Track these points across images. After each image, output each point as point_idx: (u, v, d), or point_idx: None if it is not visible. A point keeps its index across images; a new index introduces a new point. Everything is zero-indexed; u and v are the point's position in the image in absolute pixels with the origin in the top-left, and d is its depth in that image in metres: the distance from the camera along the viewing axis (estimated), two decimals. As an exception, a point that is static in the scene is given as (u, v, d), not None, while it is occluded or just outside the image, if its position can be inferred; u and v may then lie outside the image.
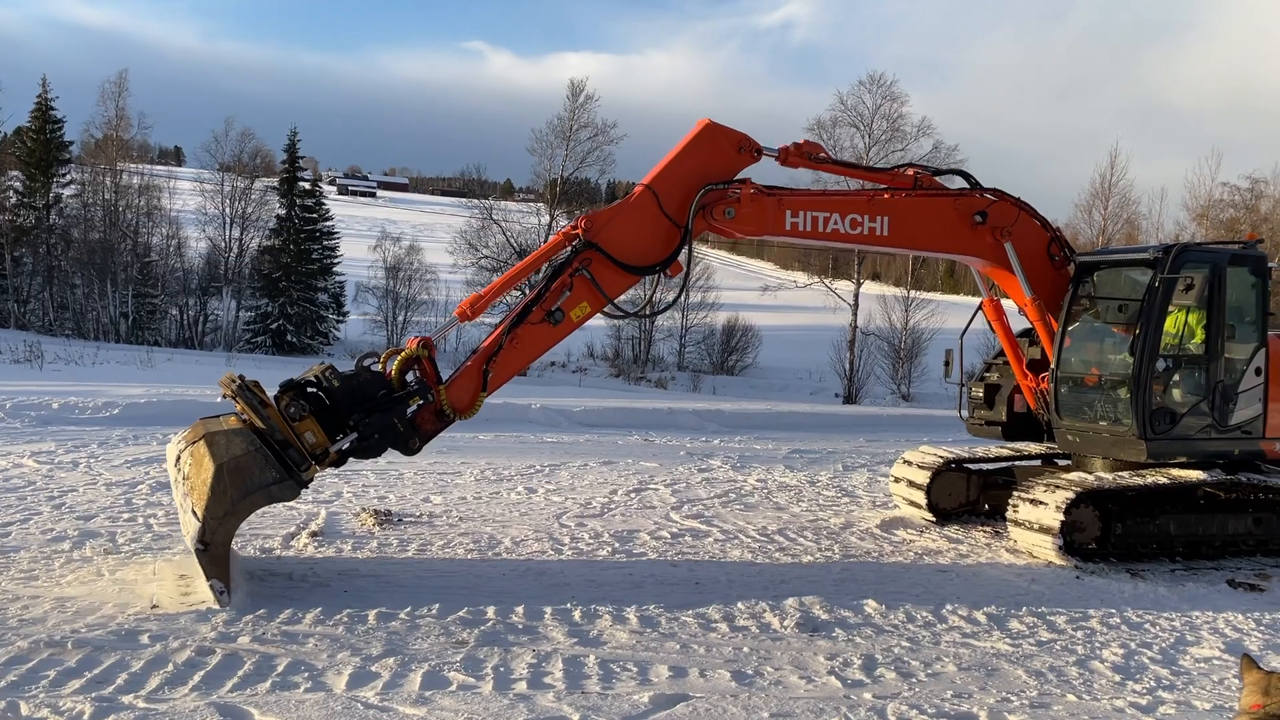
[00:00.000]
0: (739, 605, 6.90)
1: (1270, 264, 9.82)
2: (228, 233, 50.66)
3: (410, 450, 7.26)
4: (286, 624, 6.03)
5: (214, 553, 6.33)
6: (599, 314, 8.26)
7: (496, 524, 9.28)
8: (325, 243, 52.40)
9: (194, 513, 6.35)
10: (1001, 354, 10.74)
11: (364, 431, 7.01)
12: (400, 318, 54.37)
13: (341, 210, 73.60)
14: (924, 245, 9.69)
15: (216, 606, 6.23)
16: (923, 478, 10.37)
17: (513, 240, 47.97)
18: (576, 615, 6.49)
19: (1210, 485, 9.04)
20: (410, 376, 7.34)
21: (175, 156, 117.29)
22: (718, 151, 8.45)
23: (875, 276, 69.41)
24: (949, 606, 7.15)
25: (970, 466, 10.71)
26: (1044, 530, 8.57)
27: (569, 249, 7.95)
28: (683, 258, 8.34)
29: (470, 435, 15.93)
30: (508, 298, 14.71)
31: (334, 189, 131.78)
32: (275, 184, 52.20)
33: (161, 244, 48.96)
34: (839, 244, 9.33)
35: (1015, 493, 9.09)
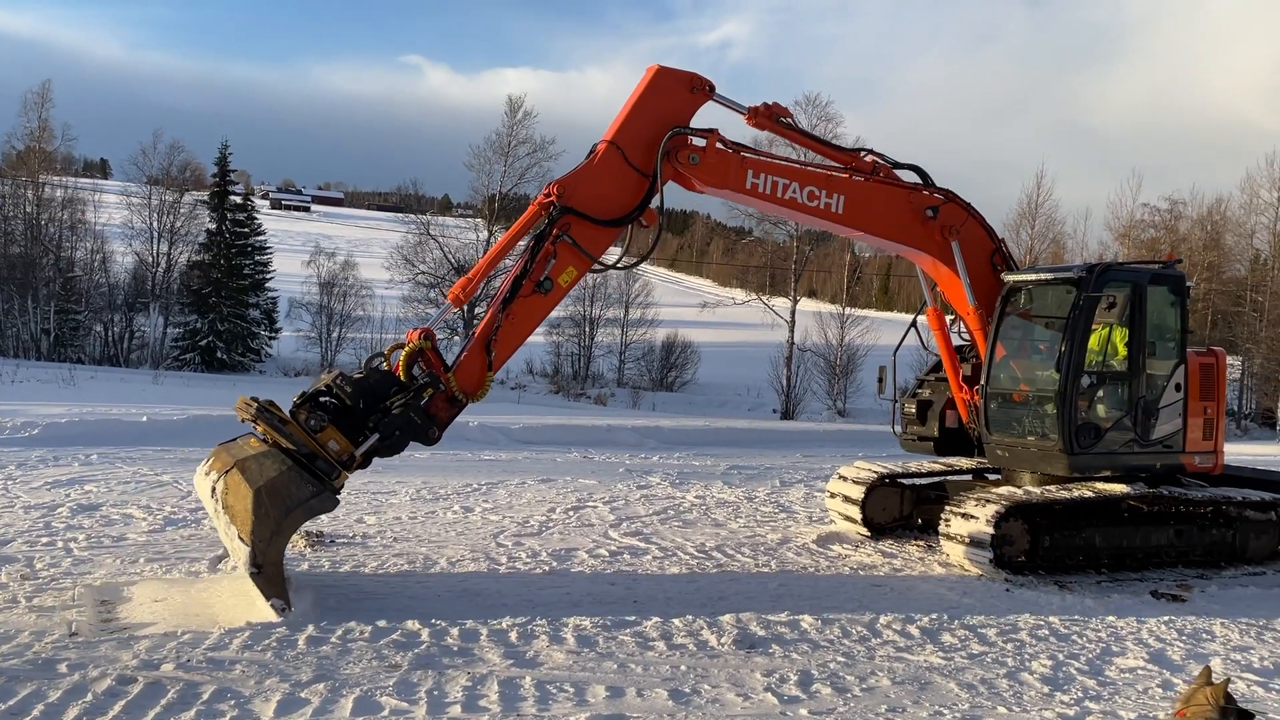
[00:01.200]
0: (676, 623, 6.89)
1: (1189, 284, 10.17)
2: (155, 247, 49.44)
3: (430, 440, 7.46)
4: (212, 649, 5.86)
5: (268, 573, 6.51)
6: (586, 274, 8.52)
7: (432, 544, 9.15)
8: (257, 258, 51.39)
9: (240, 539, 6.47)
10: (934, 370, 10.95)
11: (385, 430, 7.20)
12: (335, 334, 53.53)
13: (274, 224, 72.31)
14: (875, 230, 9.80)
15: (277, 619, 6.33)
16: (857, 493, 10.49)
17: (450, 256, 47.60)
18: (513, 636, 6.42)
19: (1134, 499, 9.29)
20: (416, 370, 7.49)
21: (101, 169, 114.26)
22: (672, 94, 8.60)
23: (811, 293, 70.36)
24: (883, 620, 7.22)
25: (904, 481, 10.88)
26: (975, 544, 8.72)
27: (545, 218, 8.07)
28: (655, 205, 8.49)
29: (406, 454, 15.68)
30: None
31: (267, 203, 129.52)
32: (205, 198, 51.11)
33: (86, 258, 47.60)
34: (794, 214, 9.51)
35: (947, 507, 9.25)
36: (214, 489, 6.87)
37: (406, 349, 7.50)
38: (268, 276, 51.43)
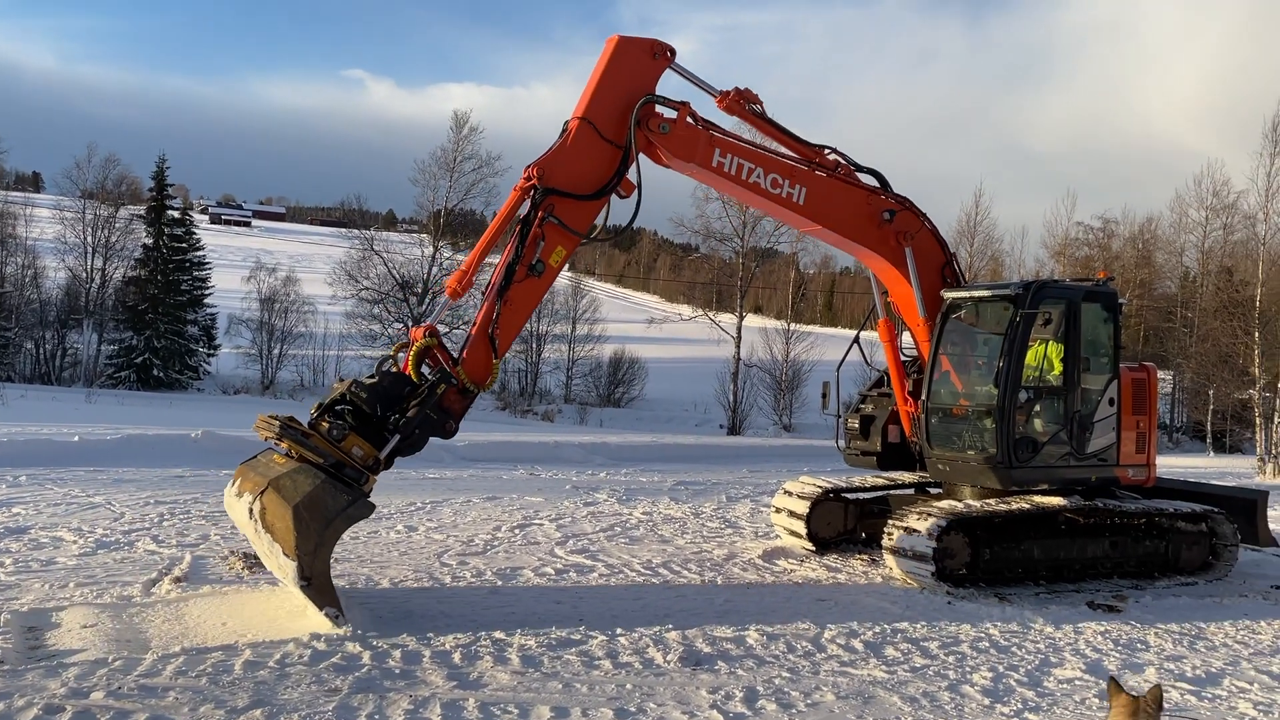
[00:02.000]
0: (622, 641, 6.86)
1: (1121, 301, 10.45)
2: (89, 262, 48.31)
3: (448, 433, 7.66)
4: (145, 676, 5.69)
5: (318, 584, 6.70)
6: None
7: (374, 565, 9.00)
8: (196, 273, 50.44)
9: (285, 555, 6.63)
10: (876, 385, 11.10)
11: (405, 431, 7.34)
12: (276, 351, 52.66)
13: (214, 240, 71.11)
14: (833, 226, 9.92)
15: (337, 630, 6.54)
16: (802, 508, 10.57)
17: (395, 271, 47.15)
18: (456, 657, 6.33)
19: (1070, 511, 9.47)
20: (425, 367, 7.67)
21: (33, 183, 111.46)
22: (634, 63, 8.73)
23: (757, 310, 70.90)
24: (828, 635, 7.27)
25: (848, 496, 10.98)
26: (917, 557, 8.83)
27: (528, 202, 8.17)
28: (632, 175, 8.63)
29: (348, 472, 15.50)
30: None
31: (206, 218, 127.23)
32: (142, 212, 50.07)
33: (16, 274, 46.31)
34: (756, 199, 9.63)
35: (890, 521, 9.35)
36: (252, 511, 6.93)
37: (414, 348, 7.64)
38: (206, 292, 50.50)
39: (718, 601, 8.18)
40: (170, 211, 50.85)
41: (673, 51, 8.94)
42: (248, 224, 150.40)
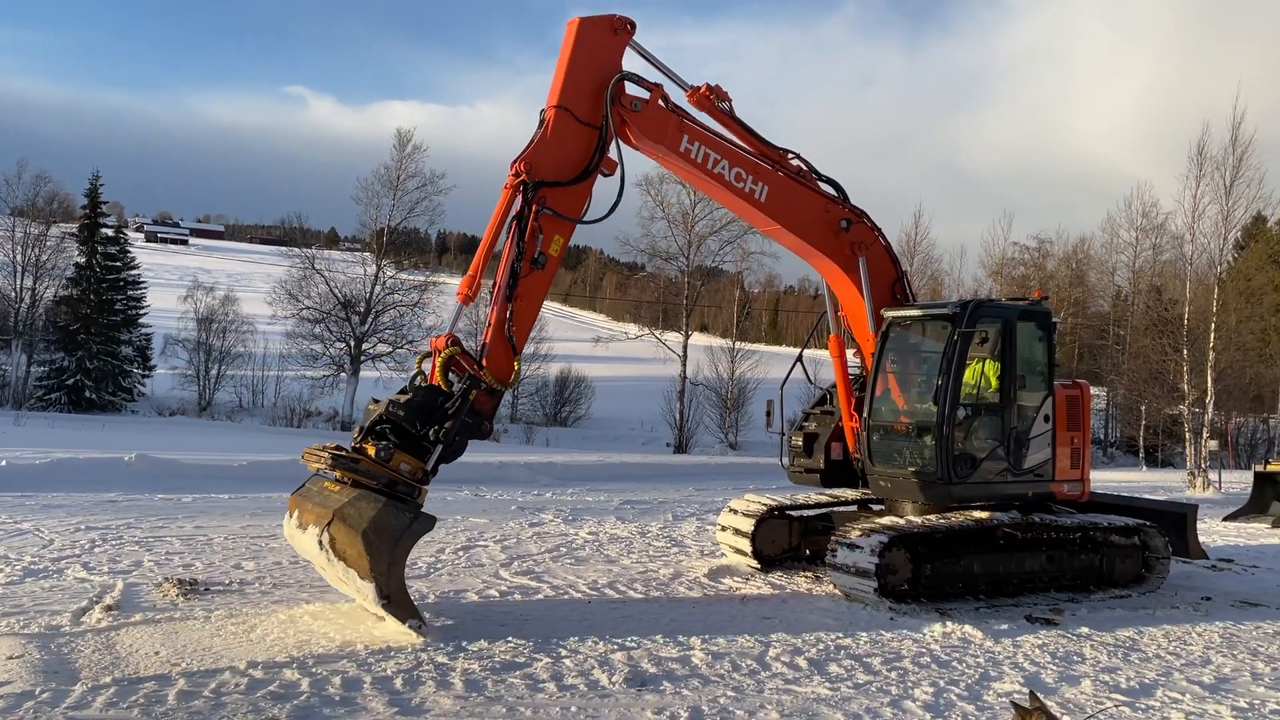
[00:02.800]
0: (567, 663, 6.81)
1: (1056, 319, 10.70)
2: (19, 282, 46.95)
3: (484, 434, 8.07)
4: (74, 708, 5.51)
5: (397, 599, 7.10)
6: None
7: (314, 589, 8.84)
8: (130, 292, 49.34)
9: (361, 579, 7.00)
10: (819, 403, 11.21)
11: (447, 440, 7.62)
12: (213, 371, 51.63)
13: (150, 258, 69.69)
14: (792, 227, 10.08)
15: (419, 639, 7.04)
16: (747, 525, 10.61)
17: (337, 290, 46.54)
18: (398, 683, 6.23)
19: (1009, 526, 9.64)
20: (451, 374, 7.87)
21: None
22: (597, 41, 8.87)
23: (703, 328, 71.30)
24: (772, 653, 7.30)
25: (792, 513, 11.05)
26: (860, 573, 8.91)
27: (519, 199, 8.31)
28: (613, 153, 8.78)
29: (286, 497, 15.24)
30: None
31: (141, 236, 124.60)
32: (74, 230, 48.86)
33: (-59, 293, 44.82)
34: (718, 189, 9.80)
35: (833, 538, 9.43)
36: (321, 542, 7.18)
37: (440, 358, 7.86)
38: (141, 312, 49.41)
39: (663, 621, 8.16)
40: (104, 229, 49.72)
41: (633, 25, 9.10)
42: (185, 242, 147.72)
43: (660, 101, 9.14)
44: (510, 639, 7.37)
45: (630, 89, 8.98)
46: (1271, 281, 50.29)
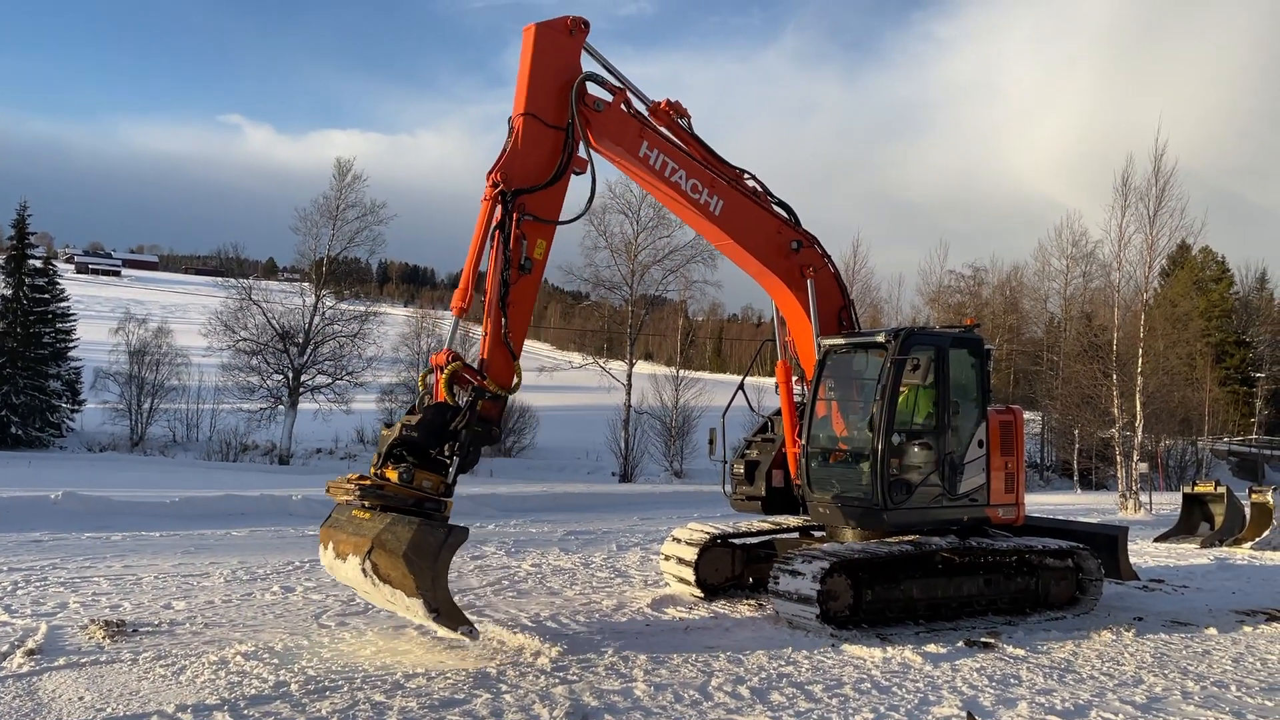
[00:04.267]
0: (507, 698, 6.72)
1: (990, 346, 10.93)
2: (-59, 314, 45.34)
3: (494, 439, 8.39)
4: (-11, 761, 5.29)
5: (445, 610, 7.43)
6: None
7: (247, 628, 8.62)
8: (59, 325, 47.92)
9: (409, 596, 7.35)
10: (761, 431, 11.29)
11: (462, 453, 7.94)
12: (146, 405, 50.36)
13: (80, 290, 68.01)
14: (744, 243, 10.28)
15: (470, 642, 7.65)
16: (691, 554, 10.61)
17: (275, 321, 45.78)
18: (333, 723, 6.09)
19: (946, 550, 9.77)
20: (455, 388, 8.14)
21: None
22: (555, 44, 9.05)
23: (648, 356, 71.47)
24: (714, 683, 7.28)
25: (735, 542, 11.07)
26: (802, 600, 8.95)
27: (499, 209, 8.49)
28: (582, 151, 8.98)
29: (223, 532, 14.89)
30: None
31: (72, 267, 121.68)
32: (0, 261, 47.48)
33: None
34: (674, 198, 9.92)
35: (775, 565, 9.46)
36: (365, 570, 7.51)
37: (444, 374, 8.09)
38: (70, 345, 48.01)
39: (606, 654, 8.10)
40: (32, 261, 48.33)
41: (586, 24, 9.27)
42: (117, 273, 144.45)
43: (622, 105, 9.36)
44: (449, 675, 7.25)
45: (593, 89, 9.19)
46: (1196, 308, 52.08)
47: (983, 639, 9.06)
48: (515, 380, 8.54)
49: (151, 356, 52.65)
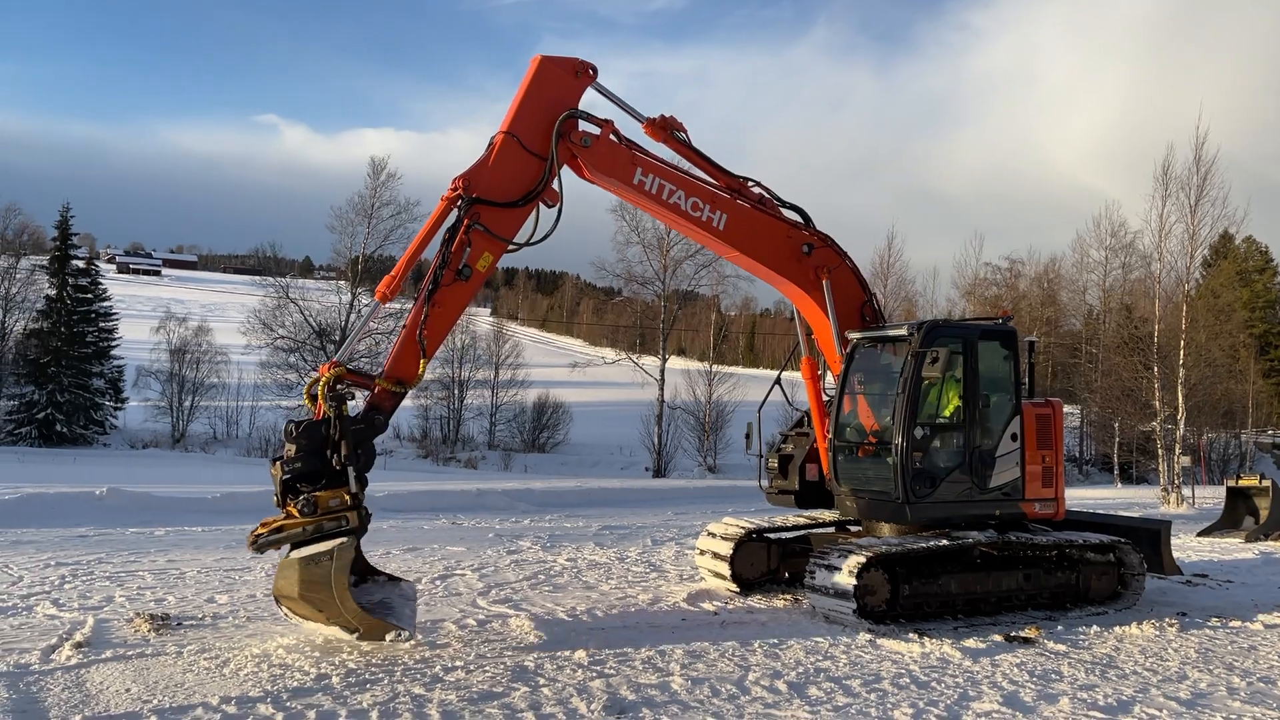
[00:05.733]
0: (545, 691, 6.76)
1: (1031, 338, 10.80)
2: (-12, 315, 46.35)
3: (380, 428, 8.17)
4: (41, 751, 5.41)
5: (365, 627, 7.56)
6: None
7: (288, 623, 8.71)
8: (102, 324, 48.85)
9: (330, 625, 7.63)
10: (797, 425, 11.25)
11: (350, 461, 7.71)
12: (187, 403, 51.13)
13: (122, 290, 69.15)
14: (752, 254, 10.19)
15: (407, 634, 7.75)
16: (726, 549, 10.60)
17: (311, 319, 46.29)
18: (374, 716, 6.16)
19: (985, 545, 9.68)
20: (335, 389, 7.96)
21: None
22: (558, 81, 9.09)
23: (680, 352, 71.43)
24: (751, 677, 7.27)
25: (770, 536, 11.04)
26: (839, 595, 8.91)
27: (454, 212, 8.52)
28: (556, 184, 8.95)
29: (263, 527, 15.07)
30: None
31: (113, 267, 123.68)
32: (44, 262, 48.41)
33: (-93, 327, 44.22)
34: (676, 220, 9.90)
35: (811, 560, 9.43)
36: (289, 616, 7.90)
37: (321, 383, 7.95)
38: (113, 344, 48.92)
39: (642, 648, 8.12)
40: (75, 261, 49.28)
41: (595, 70, 9.30)
42: (158, 273, 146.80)
43: (611, 136, 9.28)
44: (487, 668, 7.31)
45: (582, 125, 9.13)
46: (1239, 298, 51.16)
47: (1023, 634, 8.97)
48: (417, 379, 8.40)
49: (192, 355, 53.49)
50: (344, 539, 7.50)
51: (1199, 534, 18.94)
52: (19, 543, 12.69)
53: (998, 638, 8.81)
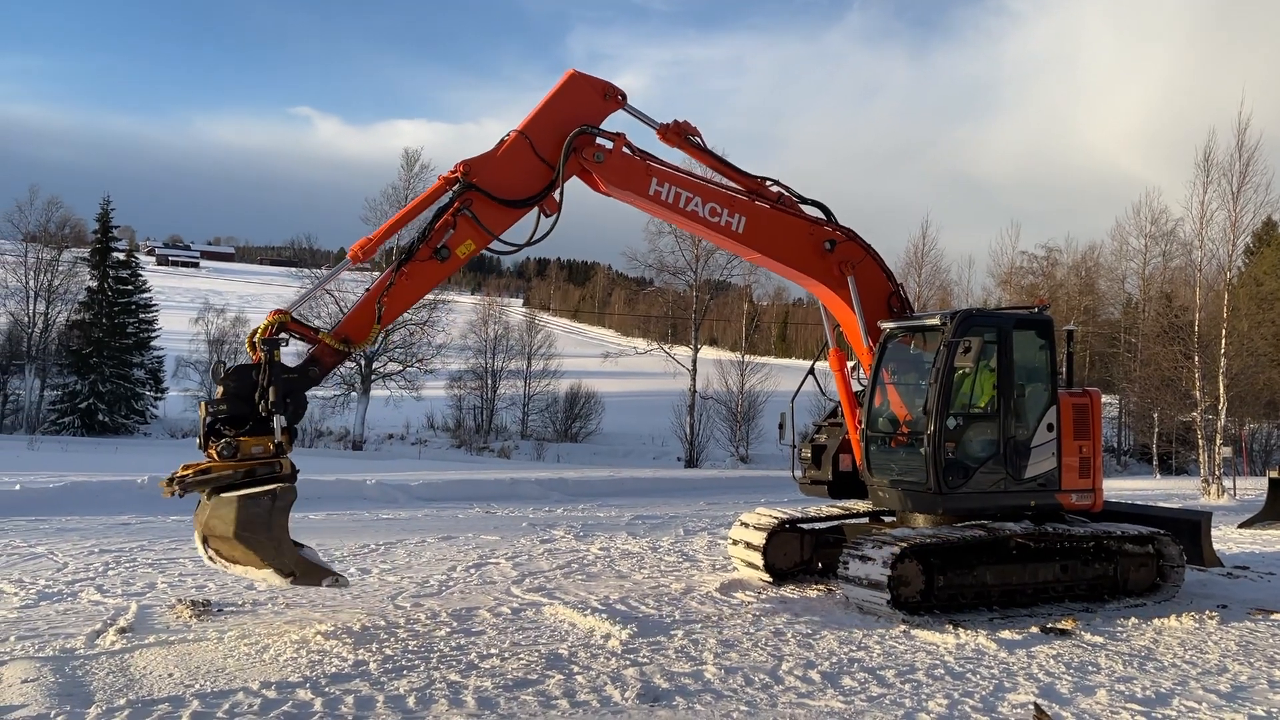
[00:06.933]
0: (579, 679, 6.81)
1: (1071, 327, 10.66)
2: (31, 307, 47.29)
3: (314, 380, 8.06)
4: (88, 733, 5.54)
5: (301, 571, 7.46)
6: (484, 252, 8.98)
7: (326, 609, 8.86)
8: (142, 316, 49.65)
9: (257, 569, 7.41)
10: (831, 416, 11.21)
11: (278, 409, 7.52)
12: (226, 393, 51.68)
13: (161, 281, 70.16)
14: (773, 254, 10.14)
15: (345, 580, 7.74)
16: (759, 539, 10.59)
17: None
18: (410, 701, 6.24)
19: (1021, 536, 9.60)
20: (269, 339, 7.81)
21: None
22: (585, 98, 9.10)
23: (712, 342, 71.34)
24: (785, 667, 7.28)
25: (804, 526, 11.02)
26: (872, 585, 8.88)
27: (450, 193, 8.51)
28: (557, 196, 8.92)
29: (300, 515, 15.23)
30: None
31: (152, 259, 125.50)
32: (86, 255, 49.22)
33: (-46, 319, 45.17)
34: (694, 226, 9.88)
35: (845, 550, 9.40)
36: (214, 559, 7.56)
37: (260, 327, 7.86)
38: (153, 335, 49.71)
39: (675, 636, 8.15)
40: (115, 254, 50.08)
41: (624, 96, 9.29)
42: (196, 265, 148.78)
43: (624, 149, 9.23)
44: (521, 656, 7.37)
45: (594, 139, 9.10)
46: (1283, 286, 50.11)
47: (1059, 626, 8.89)
48: (364, 342, 8.38)
49: (230, 345, 54.15)
50: (284, 483, 7.44)
51: (1240, 526, 18.64)
52: (64, 530, 12.96)
53: (1034, 629, 8.75)
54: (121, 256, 50.78)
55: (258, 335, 7.81)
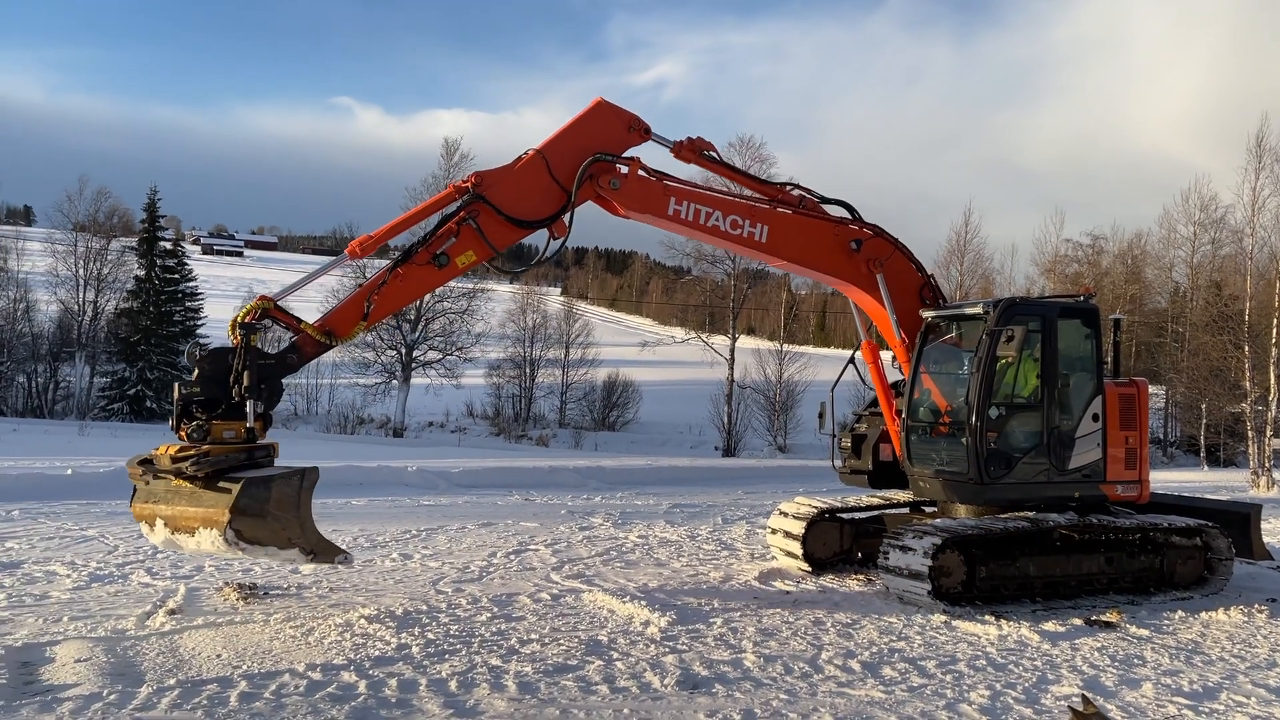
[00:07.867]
0: (619, 665, 6.85)
1: (1118, 316, 10.48)
2: (81, 295, 48.20)
3: (292, 367, 8.01)
4: (140, 709, 5.67)
5: (320, 549, 7.52)
6: (486, 267, 9.15)
7: (370, 593, 8.98)
8: (188, 304, 50.41)
9: (283, 550, 7.37)
10: (871, 405, 11.13)
11: (252, 394, 7.49)
12: (269, 380, 52.35)
13: (206, 270, 71.20)
14: (800, 260, 10.08)
15: (352, 561, 7.98)
16: (798, 528, 10.56)
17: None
18: (453, 685, 6.32)
19: (1065, 527, 9.48)
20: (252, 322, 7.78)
21: (24, 216, 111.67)
22: (609, 127, 9.07)
23: (750, 331, 71.03)
24: (825, 656, 7.26)
25: (843, 516, 10.97)
26: (913, 576, 8.82)
27: (459, 201, 8.50)
28: (567, 220, 8.90)
29: (344, 501, 15.48)
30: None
31: (198, 248, 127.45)
32: (134, 244, 50.07)
33: (8, 307, 46.21)
34: (717, 240, 9.85)
35: (885, 540, 9.35)
36: (229, 540, 7.15)
37: (241, 312, 7.83)
38: (199, 323, 50.44)
39: (714, 624, 8.16)
40: (162, 243, 50.88)
41: (648, 129, 9.26)
42: (240, 254, 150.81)
43: (640, 172, 9.15)
44: (561, 641, 7.42)
45: (611, 165, 9.07)
46: (1337, 275, 48.83)
47: (1104, 618, 8.78)
48: (348, 337, 8.39)
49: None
50: (314, 469, 7.54)
51: (1291, 519, 18.25)
52: (114, 514, 13.23)
53: (1077, 621, 8.65)
54: (168, 246, 51.59)
55: (240, 314, 7.83)
